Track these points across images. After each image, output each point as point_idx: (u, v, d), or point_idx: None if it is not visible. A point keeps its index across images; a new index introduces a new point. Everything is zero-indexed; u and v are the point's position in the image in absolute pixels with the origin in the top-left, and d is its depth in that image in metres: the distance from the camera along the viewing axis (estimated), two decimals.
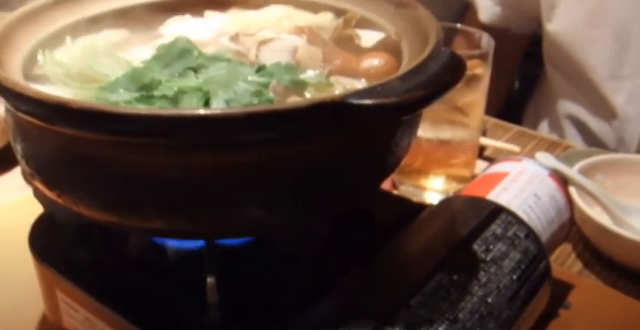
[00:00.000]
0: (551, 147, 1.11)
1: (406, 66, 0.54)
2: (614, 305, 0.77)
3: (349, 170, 0.53)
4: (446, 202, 0.71)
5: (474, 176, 0.90)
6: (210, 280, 0.57)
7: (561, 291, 0.77)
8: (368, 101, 0.46)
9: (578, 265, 0.85)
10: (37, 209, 0.68)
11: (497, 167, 0.79)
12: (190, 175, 0.49)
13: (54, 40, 0.65)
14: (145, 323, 0.58)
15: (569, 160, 0.89)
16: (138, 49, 0.66)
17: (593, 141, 1.33)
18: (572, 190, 0.82)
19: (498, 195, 0.72)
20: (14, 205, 0.89)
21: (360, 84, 0.60)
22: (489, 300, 0.58)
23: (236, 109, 0.49)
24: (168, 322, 0.58)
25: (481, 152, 1.04)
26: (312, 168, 0.51)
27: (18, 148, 0.56)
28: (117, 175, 0.50)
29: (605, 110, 1.30)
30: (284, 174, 0.50)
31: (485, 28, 1.26)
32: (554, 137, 1.25)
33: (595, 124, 1.33)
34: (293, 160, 0.49)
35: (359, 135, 0.52)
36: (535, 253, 0.65)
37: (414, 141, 0.60)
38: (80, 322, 0.65)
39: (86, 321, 0.63)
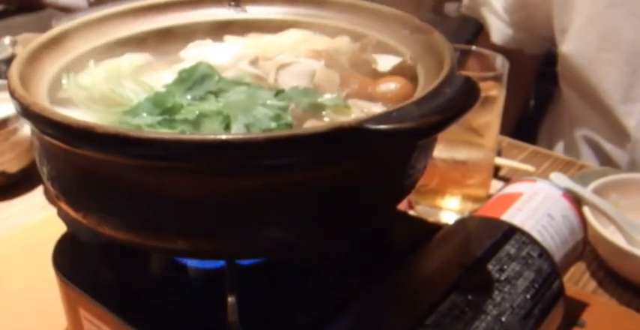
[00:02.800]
0: (565, 167, 1.11)
1: (421, 91, 0.55)
2: (628, 324, 0.78)
3: (366, 192, 0.54)
4: (461, 223, 0.72)
5: (489, 196, 0.91)
6: (230, 298, 0.57)
7: (575, 310, 0.78)
8: (384, 126, 0.47)
9: (593, 284, 0.85)
10: (60, 228, 0.69)
11: (512, 188, 0.80)
12: (212, 197, 0.50)
13: (78, 64, 0.67)
14: None
15: (584, 180, 0.90)
16: (159, 73, 0.67)
17: (608, 162, 1.33)
18: (586, 209, 0.83)
19: (513, 215, 0.73)
20: (38, 224, 0.91)
21: (377, 107, 0.61)
22: (503, 319, 0.59)
23: (257, 134, 0.50)
24: None
25: (496, 172, 1.05)
26: (330, 190, 0.52)
27: (44, 170, 0.57)
28: (140, 197, 0.51)
29: (619, 132, 1.30)
30: (303, 196, 0.51)
31: (497, 48, 1.27)
32: (568, 157, 1.26)
33: (608, 145, 1.33)
34: (311, 183, 0.50)
35: (376, 158, 0.53)
36: (548, 272, 0.66)
37: (429, 163, 0.61)
38: None
39: None
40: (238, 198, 0.50)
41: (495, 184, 0.99)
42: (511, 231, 0.68)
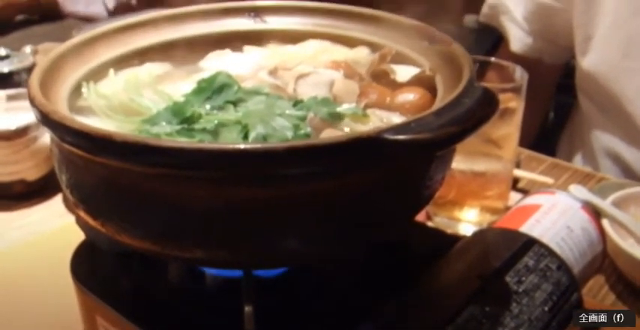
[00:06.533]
0: (585, 179, 1.11)
1: (440, 101, 0.55)
2: None
3: (384, 203, 0.54)
4: (479, 234, 0.71)
5: (507, 208, 0.90)
6: (247, 308, 0.58)
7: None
8: (403, 137, 0.47)
9: (612, 297, 0.85)
10: (79, 236, 0.70)
11: (531, 200, 0.79)
12: (229, 207, 0.50)
13: (98, 73, 0.67)
14: None
15: (603, 193, 0.89)
16: (179, 83, 0.67)
17: (628, 172, 1.32)
18: (605, 222, 0.82)
19: (531, 227, 0.73)
20: (56, 231, 0.91)
21: (396, 117, 0.61)
22: None
23: (276, 144, 0.51)
24: None
25: (515, 184, 1.04)
26: (348, 201, 0.52)
27: (63, 178, 0.58)
28: (158, 206, 0.52)
29: None
30: (320, 207, 0.51)
31: (517, 58, 1.26)
32: (588, 169, 1.25)
33: (630, 155, 1.32)
34: (329, 192, 0.50)
35: (394, 169, 0.53)
36: (567, 284, 0.66)
37: (447, 174, 0.61)
38: None
39: None
40: (256, 208, 0.50)
41: (514, 196, 0.99)
42: (529, 243, 0.68)
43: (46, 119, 0.53)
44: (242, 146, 0.46)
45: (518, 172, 1.04)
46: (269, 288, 0.61)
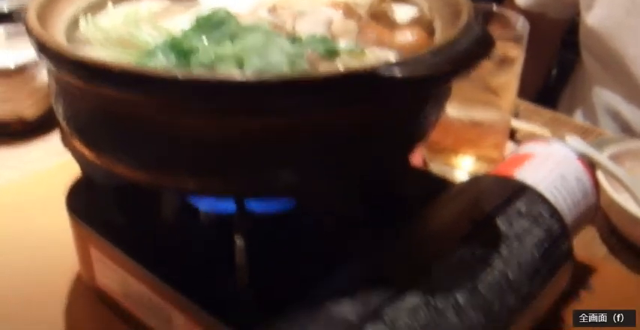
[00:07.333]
0: (584, 134, 1.10)
1: (437, 41, 0.55)
2: (636, 291, 0.78)
3: (378, 139, 0.54)
4: (473, 181, 0.72)
5: (503, 158, 0.90)
6: (239, 242, 0.58)
7: (584, 274, 0.78)
8: (398, 73, 0.47)
9: (603, 250, 0.85)
10: (75, 174, 0.71)
11: (526, 148, 0.79)
12: (224, 137, 0.50)
13: (96, 7, 0.67)
14: (176, 281, 0.60)
15: (600, 147, 0.89)
16: (177, 19, 0.67)
17: (627, 130, 1.32)
18: (600, 175, 0.83)
19: (525, 174, 0.73)
20: (53, 169, 0.92)
21: (393, 56, 0.61)
22: (510, 275, 0.59)
23: (271, 76, 0.51)
24: (198, 281, 0.60)
25: (512, 135, 1.04)
26: (340, 135, 0.52)
27: (59, 110, 0.58)
28: (154, 136, 0.52)
29: None
30: (314, 139, 0.51)
31: (521, 12, 1.26)
32: (587, 124, 1.25)
33: (629, 113, 1.32)
34: (323, 126, 0.51)
35: (389, 105, 0.53)
36: (558, 232, 0.66)
37: (442, 114, 0.61)
38: (113, 280, 0.67)
39: (119, 279, 0.66)
40: (249, 139, 0.50)
41: (510, 147, 0.99)
42: (522, 189, 0.68)
43: (44, 49, 0.53)
44: (237, 77, 0.47)
45: (515, 123, 1.04)
46: (262, 225, 0.62)
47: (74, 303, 0.73)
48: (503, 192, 0.68)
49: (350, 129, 0.52)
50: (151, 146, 0.53)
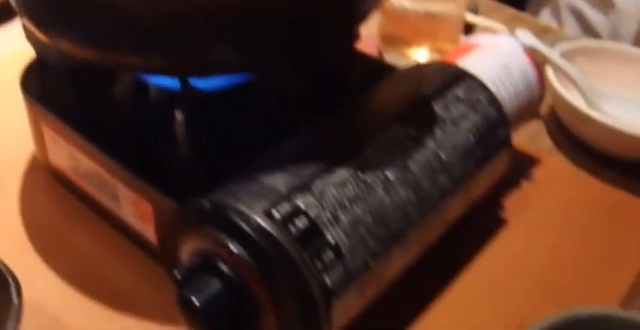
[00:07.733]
0: (543, 32, 1.11)
1: None
2: (576, 183, 0.81)
3: (319, 14, 0.56)
4: (417, 67, 0.73)
5: None
6: (179, 117, 0.60)
7: (527, 165, 0.81)
8: None
9: (549, 144, 0.87)
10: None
11: (474, 38, 0.81)
12: (164, 13, 0.52)
13: None
14: (120, 155, 0.62)
15: (554, 45, 0.90)
16: None
17: (589, 31, 1.33)
18: (550, 71, 0.84)
19: (469, 63, 0.75)
20: (10, 55, 0.92)
21: None
22: (442, 156, 0.61)
23: None
24: (141, 155, 0.63)
25: (469, 31, 1.05)
26: (283, 12, 0.54)
27: None
28: (96, 12, 0.53)
29: (604, 1, 1.29)
30: (254, 14, 0.53)
31: None
32: (549, 24, 1.25)
33: (592, 14, 1.32)
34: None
35: None
36: (496, 119, 0.68)
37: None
38: (65, 159, 0.69)
39: (70, 157, 0.68)
40: (189, 14, 0.52)
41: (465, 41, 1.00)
42: (462, 76, 0.69)
43: None
44: None
45: (472, 18, 1.05)
46: (206, 102, 0.64)
47: (29, 182, 0.76)
48: (444, 78, 0.68)
49: (290, 5, 0.54)
50: (95, 23, 0.54)
